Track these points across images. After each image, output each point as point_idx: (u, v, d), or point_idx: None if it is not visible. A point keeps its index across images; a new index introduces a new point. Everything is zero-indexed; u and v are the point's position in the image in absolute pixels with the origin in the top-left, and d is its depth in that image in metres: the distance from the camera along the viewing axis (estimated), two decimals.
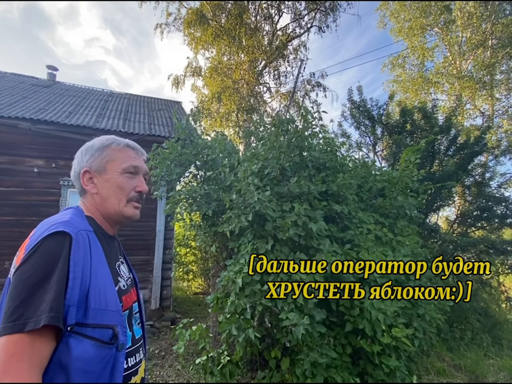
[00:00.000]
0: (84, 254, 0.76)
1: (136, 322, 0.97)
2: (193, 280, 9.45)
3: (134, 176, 0.97)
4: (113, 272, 0.87)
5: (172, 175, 3.36)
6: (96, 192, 0.93)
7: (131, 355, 0.88)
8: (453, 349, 4.80)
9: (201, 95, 14.70)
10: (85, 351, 0.71)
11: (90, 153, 0.95)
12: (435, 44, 14.24)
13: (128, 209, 0.95)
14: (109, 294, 0.80)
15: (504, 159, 6.90)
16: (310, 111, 3.30)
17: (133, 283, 1.03)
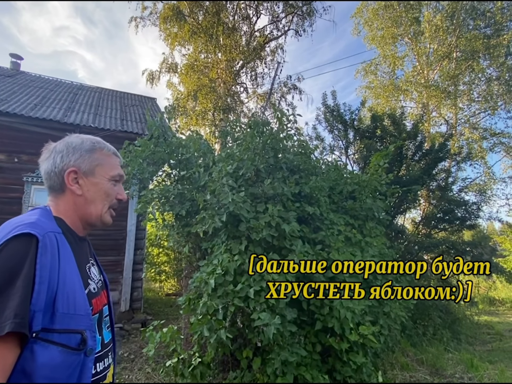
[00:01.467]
0: (52, 257, 0.74)
1: (105, 326, 0.95)
2: (165, 281, 9.26)
3: (117, 184, 0.98)
4: (83, 274, 0.84)
5: (144, 173, 3.28)
6: (80, 194, 0.90)
7: (100, 360, 0.85)
8: (417, 344, 5.06)
9: (177, 92, 14.42)
10: (51, 357, 0.68)
11: (79, 153, 0.92)
12: (405, 53, 14.92)
13: (107, 216, 0.96)
14: (78, 298, 0.77)
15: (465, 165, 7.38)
16: (285, 114, 3.36)
17: (103, 286, 1.00)
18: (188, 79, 13.03)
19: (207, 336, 2.20)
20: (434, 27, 12.80)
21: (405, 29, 13.77)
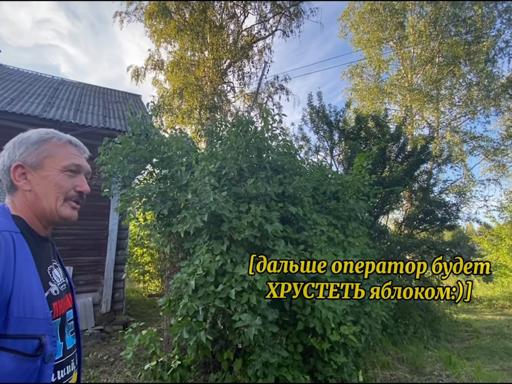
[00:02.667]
0: (6, 257, 0.69)
1: (69, 331, 0.89)
2: (149, 281, 9.10)
3: (75, 175, 0.90)
4: (43, 276, 0.79)
5: (124, 171, 3.19)
6: (29, 189, 0.84)
7: (61, 367, 0.81)
8: (398, 343, 5.14)
9: (163, 90, 14.22)
10: (2, 365, 0.64)
11: (25, 146, 0.86)
12: (390, 57, 15.24)
13: (65, 209, 0.88)
14: (36, 301, 0.72)
15: (446, 167, 7.58)
16: (270, 113, 3.34)
17: (68, 289, 0.95)
18: (174, 77, 12.87)
19: (187, 338, 2.16)
20: (417, 32, 13.11)
21: (390, 33, 14.04)
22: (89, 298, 5.53)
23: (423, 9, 13.53)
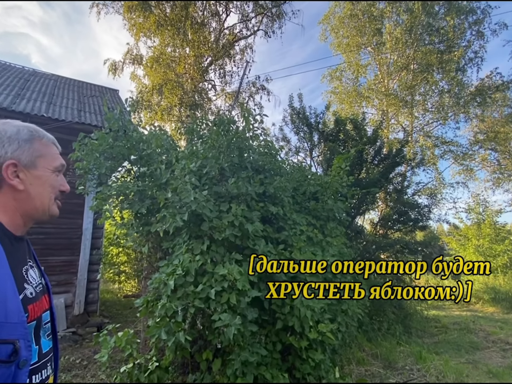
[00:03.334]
0: None
1: (45, 334, 0.86)
2: (125, 282, 8.86)
3: (59, 174, 0.92)
4: (18, 277, 0.75)
5: (101, 168, 3.09)
6: (22, 189, 0.81)
7: (36, 372, 0.77)
8: (372, 339, 5.31)
9: (141, 85, 13.87)
10: None
11: (17, 143, 0.82)
12: (368, 62, 15.66)
13: (55, 208, 0.90)
14: (10, 304, 0.69)
15: (419, 170, 7.91)
16: (252, 113, 3.35)
17: (44, 290, 0.91)
18: (154, 73, 12.60)
19: (165, 339, 2.12)
20: (394, 39, 13.56)
21: (368, 39, 14.44)
22: (61, 300, 5.31)
23: (400, 17, 14.02)
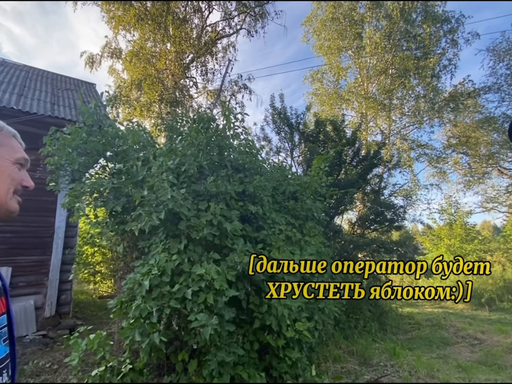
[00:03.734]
0: None
1: (1, 339, 0.80)
2: (100, 282, 8.59)
3: (22, 169, 0.86)
4: None
5: (74, 164, 2.97)
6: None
7: None
8: (349, 337, 5.41)
9: (120, 80, 13.48)
10: None
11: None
12: (349, 65, 15.97)
13: (13, 203, 0.83)
14: None
15: (395, 172, 8.15)
16: (233, 112, 3.32)
17: (1, 292, 0.85)
18: (133, 67, 12.27)
19: (139, 341, 2.07)
20: (374, 44, 13.91)
21: (349, 42, 14.72)
22: (30, 301, 5.07)
23: (379, 22, 14.40)
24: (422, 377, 3.79)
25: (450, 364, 4.65)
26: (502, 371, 4.27)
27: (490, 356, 5.22)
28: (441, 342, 6.34)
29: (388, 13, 13.43)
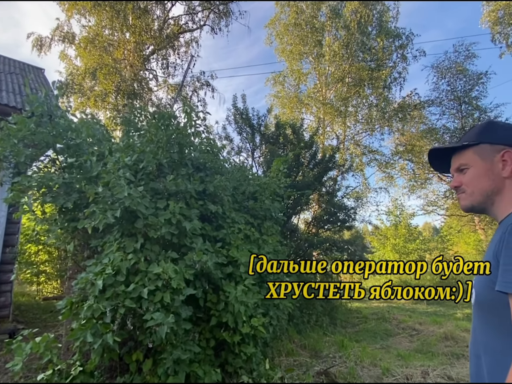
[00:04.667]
0: None
1: None
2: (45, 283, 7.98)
3: None
4: None
5: (19, 156, 2.76)
6: None
7: None
8: (302, 331, 5.66)
9: (72, 67, 12.57)
10: None
11: None
12: (309, 71, 16.55)
13: None
14: None
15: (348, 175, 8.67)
16: (194, 110, 3.31)
17: None
18: (87, 54, 11.52)
19: (91, 342, 2.00)
20: (332, 52, 14.57)
21: (310, 49, 15.26)
22: None
23: (338, 32, 15.12)
24: (366, 366, 4.12)
25: (391, 353, 5.09)
26: (435, 358, 4.77)
27: (425, 345, 5.80)
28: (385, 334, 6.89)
29: (347, 24, 14.16)
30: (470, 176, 0.96)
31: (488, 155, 0.93)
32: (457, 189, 1.01)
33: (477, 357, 0.89)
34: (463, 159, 0.98)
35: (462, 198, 1.00)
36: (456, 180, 1.01)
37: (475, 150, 0.95)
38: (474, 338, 0.95)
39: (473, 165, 0.95)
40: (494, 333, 0.84)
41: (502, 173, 0.90)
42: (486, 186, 0.93)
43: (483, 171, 0.93)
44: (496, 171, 0.91)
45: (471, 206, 0.98)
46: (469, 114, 13.77)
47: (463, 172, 0.99)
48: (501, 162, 0.90)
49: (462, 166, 0.99)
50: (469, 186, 0.97)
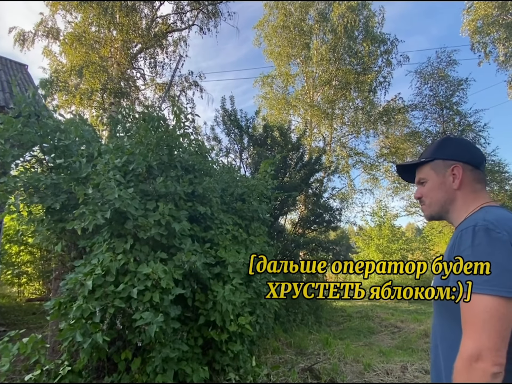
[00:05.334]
0: None
1: None
2: (27, 284, 7.81)
3: None
4: None
5: (6, 157, 2.74)
6: None
7: None
8: (288, 330, 5.78)
9: (57, 63, 12.29)
10: None
11: None
12: (297, 73, 16.72)
13: None
14: None
15: (334, 177, 8.86)
16: (183, 111, 3.36)
17: None
18: (73, 51, 11.30)
19: (80, 342, 2.03)
20: (320, 56, 14.79)
21: (298, 51, 15.43)
22: None
23: (326, 35, 15.36)
24: (349, 362, 4.25)
25: (374, 350, 5.26)
26: (415, 354, 4.97)
27: (406, 342, 6.02)
28: (368, 331, 7.09)
29: (334, 28, 14.40)
30: (427, 189, 1.09)
31: (441, 170, 1.05)
32: (419, 200, 1.14)
33: (435, 347, 1.03)
34: (422, 173, 1.11)
35: (424, 209, 1.14)
36: (418, 192, 1.14)
37: (431, 165, 1.08)
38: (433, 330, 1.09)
39: (429, 179, 1.08)
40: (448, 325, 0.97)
41: (453, 186, 1.02)
42: (440, 197, 1.06)
43: (437, 185, 1.06)
44: (448, 184, 1.03)
45: (430, 216, 1.12)
46: (450, 118, 14.24)
47: (423, 185, 1.11)
48: (451, 175, 1.02)
49: (422, 179, 1.12)
50: (427, 198, 1.10)
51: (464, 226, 0.93)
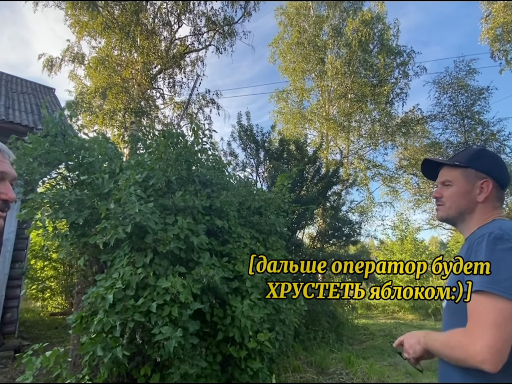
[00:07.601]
0: None
1: None
2: (50, 299, 8.00)
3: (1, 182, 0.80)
4: None
5: (34, 174, 2.88)
6: None
7: None
8: (308, 348, 5.59)
9: (82, 86, 12.99)
10: None
11: None
12: (312, 87, 16.88)
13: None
14: None
15: (352, 189, 8.72)
16: (201, 128, 3.44)
17: None
18: (97, 74, 11.92)
19: (101, 356, 2.04)
20: (335, 70, 14.89)
21: (313, 66, 15.62)
22: None
23: (340, 50, 15.51)
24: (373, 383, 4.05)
25: (400, 371, 4.99)
26: None
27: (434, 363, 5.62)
28: (392, 351, 6.73)
29: (348, 42, 14.54)
30: (451, 192, 1.09)
31: (471, 179, 1.05)
32: (437, 199, 1.14)
33: None
34: (450, 176, 1.10)
35: (440, 209, 1.14)
36: (439, 192, 1.14)
37: (463, 172, 1.07)
38: None
39: (456, 184, 1.08)
40: (457, 323, 0.99)
41: (478, 198, 1.03)
42: (462, 204, 1.06)
43: (463, 192, 1.06)
44: (474, 195, 1.04)
45: (445, 217, 1.13)
46: (472, 128, 13.85)
47: (447, 187, 1.11)
48: (479, 188, 1.03)
49: (448, 182, 1.11)
50: (448, 201, 1.10)
51: (480, 233, 0.94)
